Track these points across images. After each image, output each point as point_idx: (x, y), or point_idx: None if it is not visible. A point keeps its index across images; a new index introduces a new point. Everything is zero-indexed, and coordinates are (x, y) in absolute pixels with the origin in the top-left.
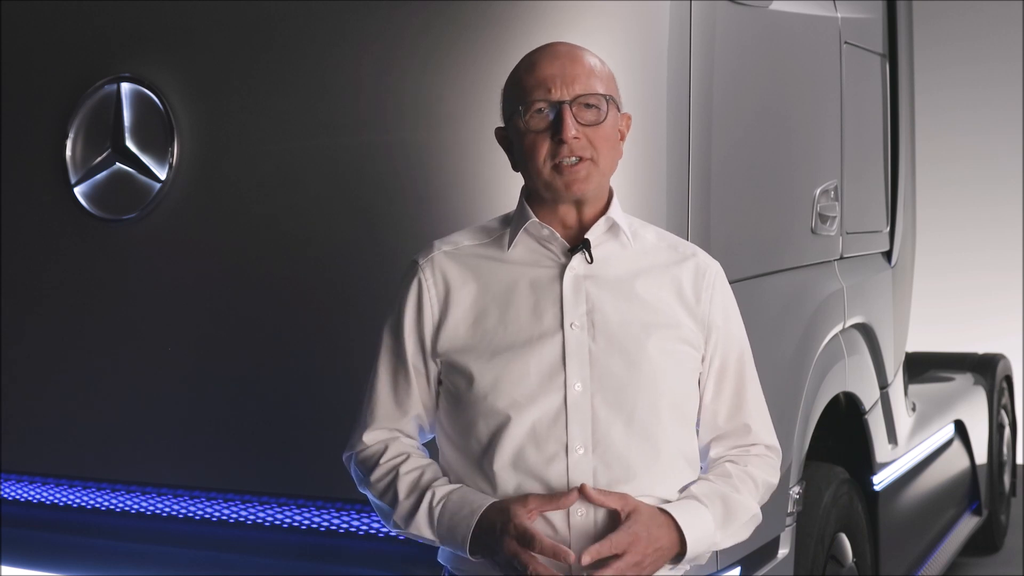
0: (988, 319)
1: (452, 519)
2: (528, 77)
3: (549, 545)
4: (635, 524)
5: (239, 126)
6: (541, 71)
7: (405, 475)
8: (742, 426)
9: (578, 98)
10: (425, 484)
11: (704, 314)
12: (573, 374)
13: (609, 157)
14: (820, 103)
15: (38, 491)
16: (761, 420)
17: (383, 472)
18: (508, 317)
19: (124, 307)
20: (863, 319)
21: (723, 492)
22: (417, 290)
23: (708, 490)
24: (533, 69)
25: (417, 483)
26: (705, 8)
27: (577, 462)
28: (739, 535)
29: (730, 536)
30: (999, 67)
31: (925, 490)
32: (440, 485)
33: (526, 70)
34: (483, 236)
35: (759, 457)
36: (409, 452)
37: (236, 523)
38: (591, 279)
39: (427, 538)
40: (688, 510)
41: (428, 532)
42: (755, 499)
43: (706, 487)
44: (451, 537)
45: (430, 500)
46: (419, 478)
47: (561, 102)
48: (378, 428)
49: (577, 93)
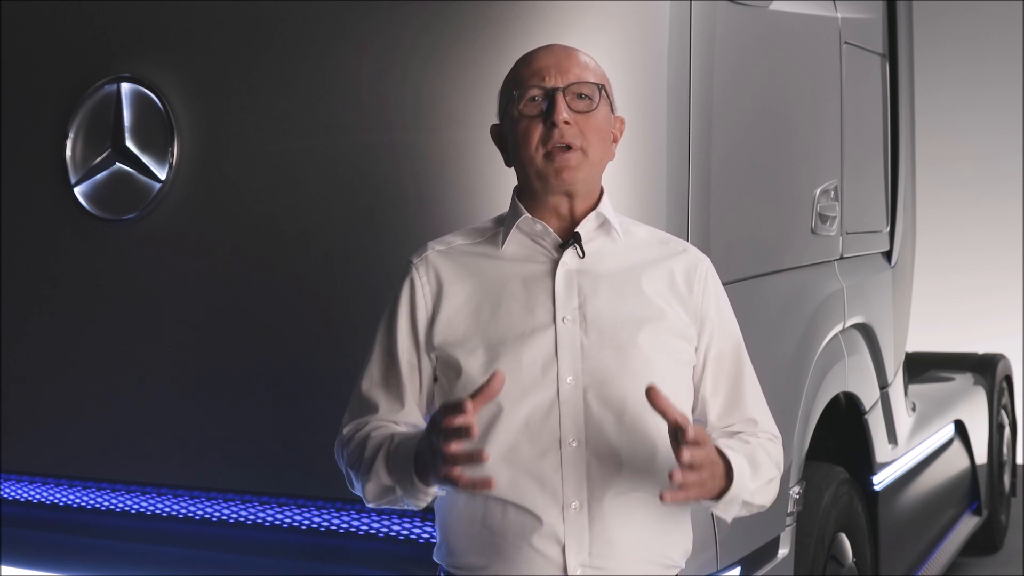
0: (988, 319)
1: (400, 451)
2: (524, 69)
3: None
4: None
5: (239, 126)
6: (537, 62)
7: (373, 437)
8: (746, 419)
9: (571, 86)
10: (387, 437)
11: (697, 306)
12: (565, 368)
13: (600, 149)
14: (820, 103)
15: (38, 491)
16: (762, 411)
17: (356, 444)
18: (501, 312)
19: (124, 307)
20: (863, 319)
21: (745, 447)
22: (410, 288)
23: (732, 443)
24: (529, 62)
25: (381, 441)
26: (705, 8)
27: (570, 455)
28: (765, 494)
29: (758, 491)
30: (999, 67)
31: (925, 490)
32: (400, 434)
33: (522, 64)
34: (476, 236)
35: (768, 441)
36: (382, 425)
37: (236, 523)
38: (583, 274)
39: (386, 484)
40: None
41: (386, 477)
42: (772, 465)
43: (728, 440)
44: (402, 471)
45: (387, 446)
46: (383, 436)
47: (555, 89)
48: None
49: (570, 81)
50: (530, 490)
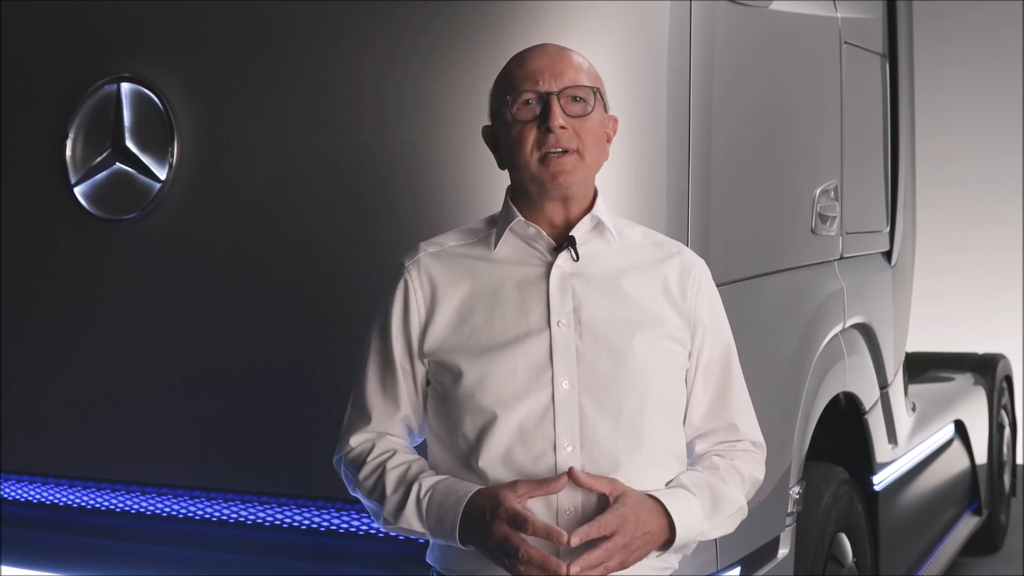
0: (988, 319)
1: (440, 508)
2: (517, 71)
3: (542, 525)
4: (623, 507)
5: (239, 126)
6: (530, 65)
7: (392, 470)
8: (728, 424)
9: (565, 89)
10: (412, 477)
11: (690, 310)
12: (560, 372)
13: (595, 152)
14: (820, 103)
15: (38, 491)
16: (747, 417)
17: (370, 470)
18: (495, 315)
19: (124, 307)
20: (863, 319)
21: (711, 483)
22: (403, 291)
23: (696, 480)
24: (522, 64)
25: (404, 477)
26: (705, 8)
27: (565, 459)
28: (726, 527)
29: (717, 527)
30: (999, 67)
31: (925, 490)
32: (426, 477)
33: (515, 65)
34: (469, 237)
35: (745, 452)
36: (396, 448)
37: (236, 523)
38: (577, 277)
39: (417, 531)
40: (677, 497)
41: (418, 525)
42: (741, 492)
43: (694, 477)
44: (440, 528)
45: (417, 492)
46: (405, 472)
47: (549, 93)
48: (365, 430)
49: (565, 85)
50: None
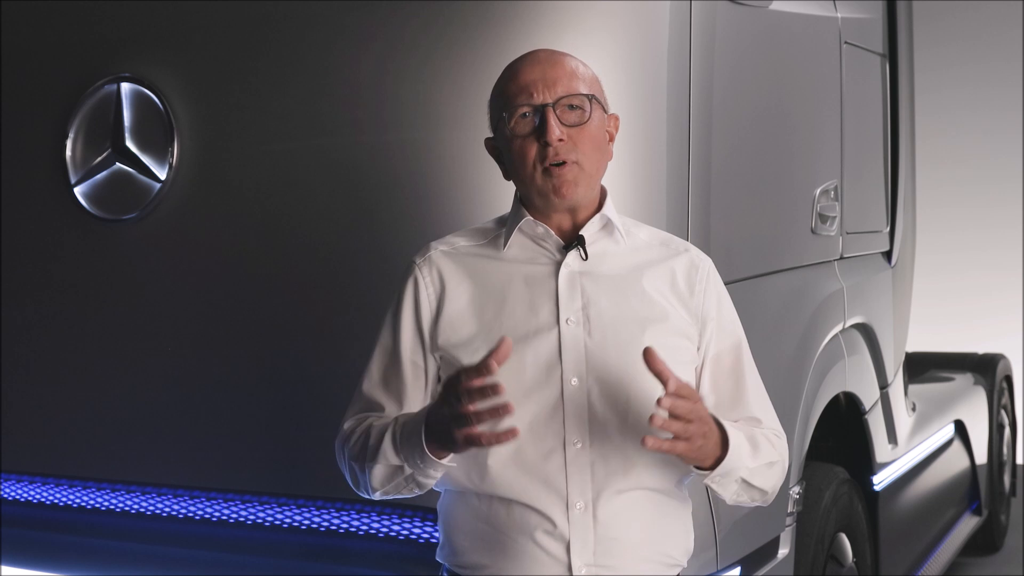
0: (988, 319)
1: (407, 426)
2: (510, 84)
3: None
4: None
5: (239, 126)
6: (523, 77)
7: (376, 426)
8: (748, 419)
9: (560, 100)
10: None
11: (698, 306)
12: (569, 369)
13: (595, 159)
14: (820, 103)
15: (38, 491)
16: (765, 410)
17: (358, 435)
18: (504, 313)
19: (124, 307)
20: (863, 319)
21: (748, 429)
22: (414, 288)
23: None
24: (515, 76)
25: (384, 424)
26: (705, 8)
27: (575, 456)
28: (766, 476)
29: (757, 472)
30: (999, 67)
31: (925, 490)
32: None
33: (508, 78)
34: (479, 237)
35: (772, 434)
36: (384, 417)
37: (236, 523)
38: (586, 275)
39: (394, 464)
40: (727, 424)
41: (394, 456)
42: (774, 450)
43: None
44: (409, 443)
45: (392, 427)
46: (386, 422)
47: (544, 105)
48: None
49: (559, 95)
50: (535, 489)
